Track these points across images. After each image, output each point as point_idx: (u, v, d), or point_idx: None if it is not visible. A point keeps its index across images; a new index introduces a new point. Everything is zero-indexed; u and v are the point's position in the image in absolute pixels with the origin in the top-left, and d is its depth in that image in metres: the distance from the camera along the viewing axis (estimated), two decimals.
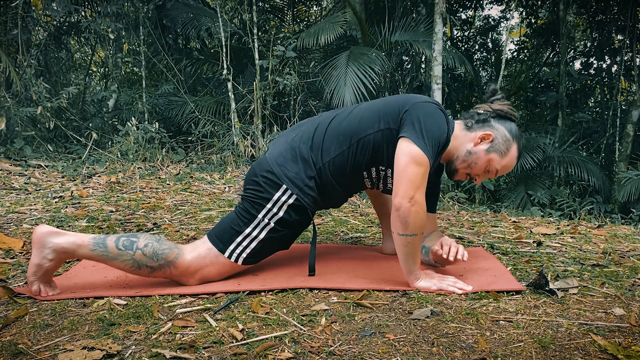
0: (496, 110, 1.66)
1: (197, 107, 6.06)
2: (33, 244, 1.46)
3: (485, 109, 1.67)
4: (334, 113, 1.72)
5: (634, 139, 6.93)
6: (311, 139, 1.64)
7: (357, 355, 1.13)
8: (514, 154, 1.66)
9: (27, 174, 4.08)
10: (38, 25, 6.71)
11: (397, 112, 1.57)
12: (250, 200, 1.61)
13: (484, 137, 1.63)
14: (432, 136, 1.51)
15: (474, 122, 1.65)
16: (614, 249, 2.10)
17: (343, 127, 1.63)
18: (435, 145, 1.52)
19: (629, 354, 1.12)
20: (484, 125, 1.65)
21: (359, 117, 1.63)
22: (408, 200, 1.47)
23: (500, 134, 1.64)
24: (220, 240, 1.60)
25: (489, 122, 1.65)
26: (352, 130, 1.61)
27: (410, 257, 1.53)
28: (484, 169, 1.66)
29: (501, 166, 1.65)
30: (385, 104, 1.63)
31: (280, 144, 1.69)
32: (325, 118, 1.70)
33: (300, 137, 1.67)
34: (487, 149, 1.63)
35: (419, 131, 1.50)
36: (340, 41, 6.39)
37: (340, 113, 1.69)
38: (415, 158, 1.47)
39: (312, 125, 1.69)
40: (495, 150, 1.63)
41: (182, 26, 6.50)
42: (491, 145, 1.63)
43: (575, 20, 9.15)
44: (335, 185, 1.64)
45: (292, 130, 1.75)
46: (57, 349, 1.15)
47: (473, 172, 1.67)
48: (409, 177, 1.47)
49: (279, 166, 1.61)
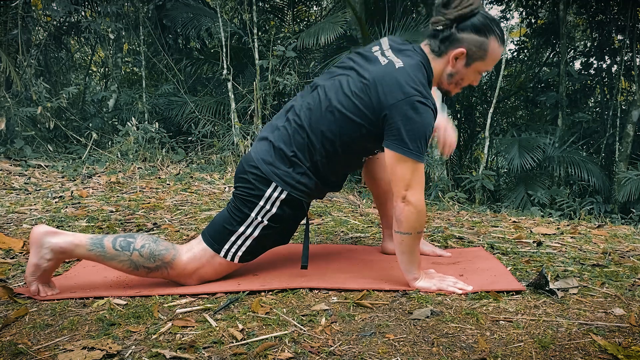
0: (454, 19, 1.50)
1: (197, 107, 6.06)
2: (31, 244, 1.46)
3: (443, 22, 1.52)
4: (304, 103, 1.60)
5: (634, 139, 6.92)
6: (294, 141, 1.56)
7: (357, 355, 1.13)
8: (494, 47, 1.53)
9: (27, 174, 4.08)
10: (38, 25, 6.70)
11: (376, 117, 1.49)
12: (242, 198, 1.59)
13: (457, 56, 1.53)
14: (418, 137, 1.45)
15: (439, 43, 1.55)
16: (614, 249, 2.10)
17: (325, 128, 1.54)
18: (423, 141, 1.47)
19: (629, 354, 1.12)
20: (451, 42, 1.52)
21: (338, 121, 1.53)
22: (401, 200, 1.47)
23: (471, 43, 1.51)
24: (214, 240, 1.59)
25: (454, 35, 1.51)
26: (335, 134, 1.54)
27: (405, 256, 1.53)
28: (475, 78, 1.60)
29: (489, 65, 1.56)
30: (357, 106, 1.51)
31: (264, 142, 1.62)
32: (299, 110, 1.59)
33: (281, 137, 1.58)
34: (465, 63, 1.54)
35: (403, 140, 1.45)
36: (340, 41, 6.39)
37: (313, 105, 1.57)
38: (402, 158, 1.46)
39: (291, 123, 1.59)
40: (474, 59, 1.53)
41: (182, 26, 6.49)
42: (468, 58, 1.53)
43: (575, 20, 9.14)
44: (329, 175, 1.62)
45: (273, 125, 1.66)
46: (57, 349, 1.15)
47: (464, 84, 1.61)
48: (399, 177, 1.47)
49: (267, 165, 1.57)
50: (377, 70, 1.51)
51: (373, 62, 1.54)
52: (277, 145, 1.58)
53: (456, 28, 1.51)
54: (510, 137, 6.84)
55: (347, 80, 1.55)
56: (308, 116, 1.57)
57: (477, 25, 1.50)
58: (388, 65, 1.50)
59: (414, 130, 1.45)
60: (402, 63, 1.49)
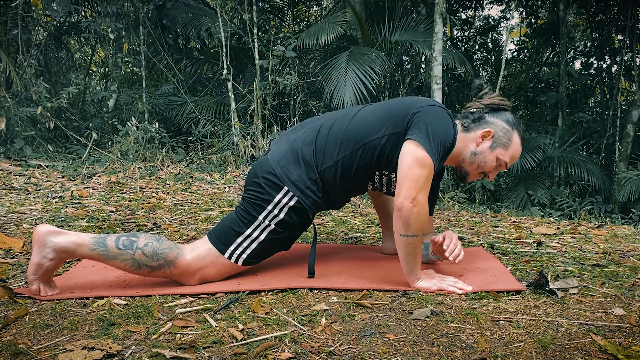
0: (488, 105, 1.67)
1: (197, 107, 6.06)
2: (33, 243, 1.46)
3: (477, 106, 1.68)
4: (337, 114, 1.71)
5: (634, 139, 6.93)
6: (314, 141, 1.63)
7: (357, 355, 1.13)
8: (517, 142, 1.66)
9: (27, 174, 4.08)
10: (38, 25, 6.71)
11: (404, 115, 1.56)
12: (251, 201, 1.61)
13: (484, 135, 1.64)
14: (439, 139, 1.51)
15: (470, 122, 1.66)
16: (614, 249, 2.10)
17: (348, 130, 1.61)
18: (441, 149, 1.52)
19: (629, 354, 1.12)
20: (480, 123, 1.65)
21: (364, 122, 1.62)
22: (410, 200, 1.47)
23: (498, 127, 1.64)
24: (220, 241, 1.59)
25: (484, 118, 1.65)
26: (357, 135, 1.60)
27: (411, 258, 1.53)
28: (494, 166, 1.67)
29: (509, 157, 1.66)
30: (391, 107, 1.62)
31: (282, 145, 1.68)
32: (329, 119, 1.69)
33: (302, 139, 1.65)
34: (490, 145, 1.64)
35: (425, 133, 1.50)
36: (340, 41, 6.38)
37: (345, 115, 1.68)
38: (420, 159, 1.47)
39: (315, 127, 1.67)
40: (498, 144, 1.64)
41: (182, 26, 6.49)
42: (494, 141, 1.64)
43: (575, 20, 9.14)
44: (337, 187, 1.64)
45: (294, 130, 1.74)
46: (57, 349, 1.15)
47: (485, 170, 1.68)
48: (412, 178, 1.47)
49: (281, 168, 1.60)
50: None
51: None
52: (295, 148, 1.64)
53: (488, 113, 1.66)
54: None
55: (374, 106, 1.69)
56: (331, 122, 1.66)
57: (506, 117, 1.67)
58: None
59: (437, 132, 1.51)
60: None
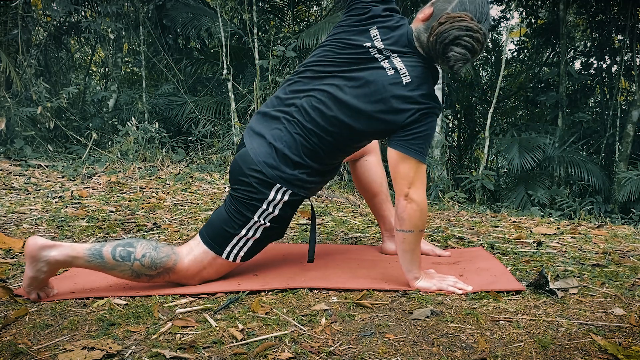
0: None
1: (197, 107, 6.06)
2: (26, 257, 1.43)
3: None
4: (310, 103, 1.54)
5: (634, 139, 6.93)
6: (301, 148, 1.54)
7: (357, 355, 1.13)
8: None
9: (27, 174, 4.08)
10: (38, 25, 6.71)
11: (387, 131, 1.52)
12: (243, 201, 1.55)
13: (424, 15, 1.50)
14: (423, 143, 1.51)
15: None
16: (614, 249, 2.10)
17: (334, 140, 1.54)
18: (427, 145, 1.52)
19: (629, 354, 1.12)
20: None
21: (347, 134, 1.54)
22: (403, 197, 1.48)
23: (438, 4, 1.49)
24: (215, 243, 1.57)
25: None
26: (344, 145, 1.59)
27: (407, 254, 1.53)
28: None
29: None
30: (370, 123, 1.51)
31: (261, 141, 1.56)
32: (304, 111, 1.54)
33: (282, 139, 1.54)
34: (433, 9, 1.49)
35: (409, 144, 1.49)
36: None
37: (324, 111, 1.52)
38: (404, 157, 1.49)
39: (294, 126, 1.54)
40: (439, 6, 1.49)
41: (182, 26, 6.49)
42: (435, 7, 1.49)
43: (575, 20, 9.14)
44: (330, 167, 1.65)
45: (267, 115, 1.60)
46: (57, 349, 1.15)
47: None
48: (401, 175, 1.48)
49: (272, 169, 1.53)
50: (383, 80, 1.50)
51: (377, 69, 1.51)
52: (280, 149, 1.53)
53: None
54: (510, 137, 6.84)
55: (351, 117, 1.52)
56: (318, 121, 1.52)
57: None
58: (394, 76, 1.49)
59: (421, 138, 1.50)
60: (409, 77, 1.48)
